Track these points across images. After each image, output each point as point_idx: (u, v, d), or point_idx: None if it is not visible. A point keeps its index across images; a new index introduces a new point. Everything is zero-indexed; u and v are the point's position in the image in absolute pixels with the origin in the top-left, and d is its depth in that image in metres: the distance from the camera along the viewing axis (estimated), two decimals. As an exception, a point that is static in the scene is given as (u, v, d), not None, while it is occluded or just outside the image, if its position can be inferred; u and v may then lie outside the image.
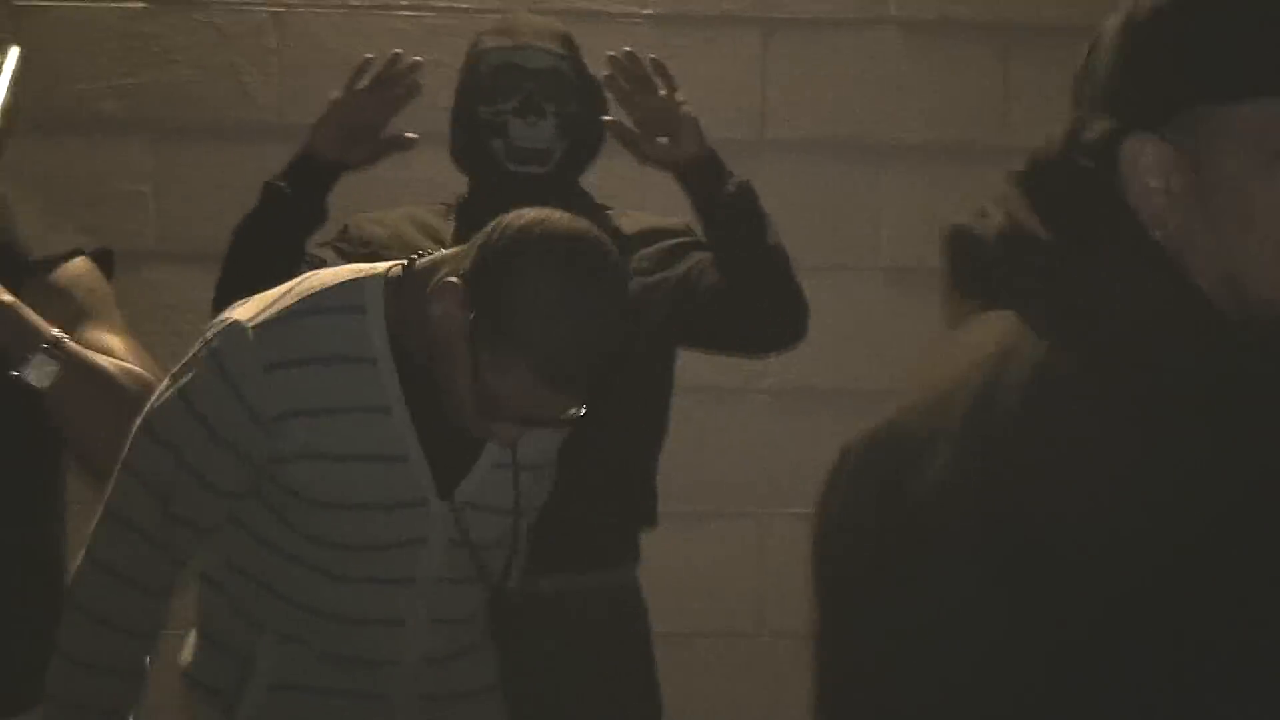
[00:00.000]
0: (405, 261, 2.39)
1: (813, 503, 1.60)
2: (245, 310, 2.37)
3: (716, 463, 3.96)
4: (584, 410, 2.28)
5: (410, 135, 3.11)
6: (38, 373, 2.40)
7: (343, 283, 2.38)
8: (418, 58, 3.11)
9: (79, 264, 2.54)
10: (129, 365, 2.49)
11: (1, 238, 2.48)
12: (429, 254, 2.38)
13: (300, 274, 2.92)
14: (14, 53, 2.53)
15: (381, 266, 2.40)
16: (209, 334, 2.36)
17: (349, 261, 2.98)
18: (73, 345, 2.42)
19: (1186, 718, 1.36)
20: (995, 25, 4.00)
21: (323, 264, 2.99)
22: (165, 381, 2.39)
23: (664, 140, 3.05)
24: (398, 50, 3.13)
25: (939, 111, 3.99)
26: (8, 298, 2.40)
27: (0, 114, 2.51)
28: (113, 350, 2.49)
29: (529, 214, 2.27)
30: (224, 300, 2.97)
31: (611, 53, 3.09)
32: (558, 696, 2.94)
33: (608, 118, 3.11)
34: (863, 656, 1.50)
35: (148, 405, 2.38)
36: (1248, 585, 1.37)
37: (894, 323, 3.96)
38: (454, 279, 2.27)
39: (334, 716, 2.46)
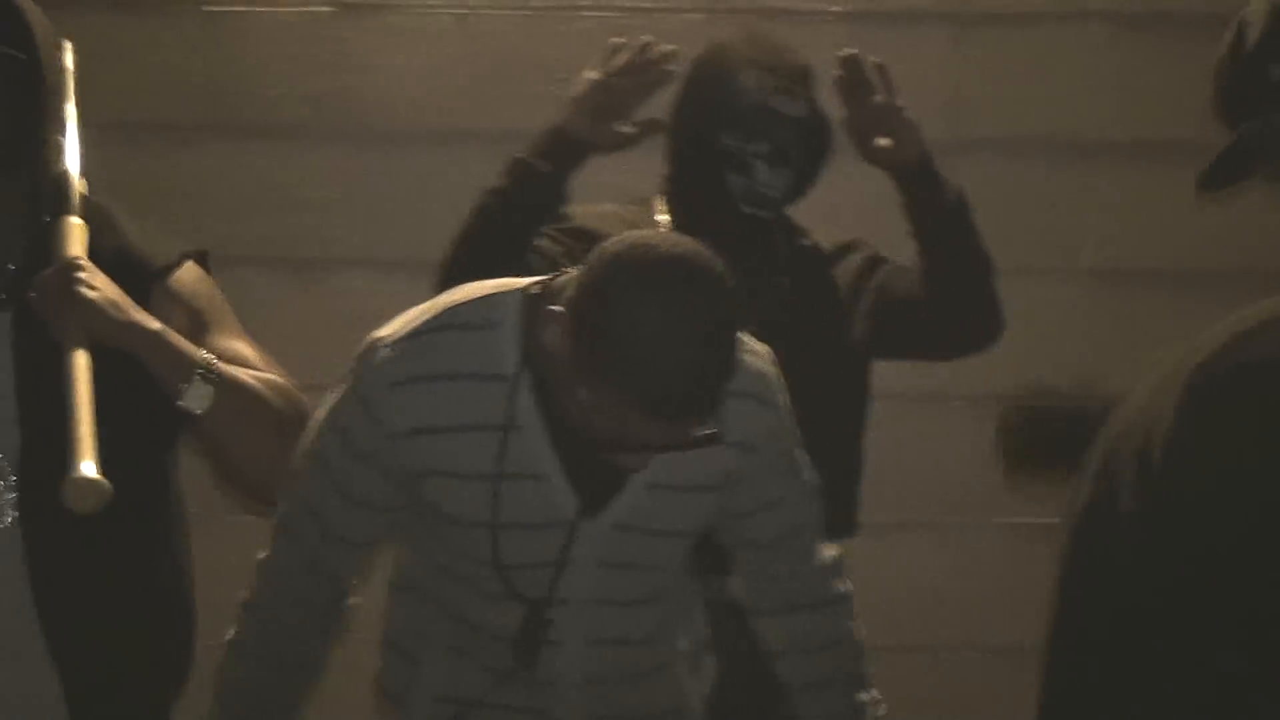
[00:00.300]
0: (546, 278, 2.36)
1: (1015, 511, 1.63)
2: (387, 327, 2.38)
3: (914, 471, 3.91)
4: (709, 430, 2.21)
5: (663, 120, 3.12)
6: (194, 397, 2.40)
7: (479, 297, 2.37)
8: (673, 46, 3.11)
9: (190, 269, 2.55)
10: (270, 377, 2.50)
11: (118, 249, 2.47)
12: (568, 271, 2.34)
13: (527, 260, 2.97)
14: (69, 48, 2.52)
15: (522, 281, 2.37)
16: (358, 349, 2.39)
17: (564, 251, 3.02)
18: (223, 366, 2.43)
19: None
20: (1208, 16, 3.89)
21: (543, 253, 3.01)
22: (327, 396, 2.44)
23: (884, 142, 3.10)
24: (649, 38, 3.14)
25: (1146, 108, 3.91)
26: (156, 325, 2.40)
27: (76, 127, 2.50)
28: (245, 358, 2.50)
29: (629, 238, 2.22)
30: (449, 277, 2.97)
31: (840, 53, 3.13)
32: (757, 697, 2.91)
33: (843, 115, 3.13)
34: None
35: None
36: None
37: (1097, 327, 3.91)
38: (558, 307, 2.23)
39: None
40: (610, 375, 2.15)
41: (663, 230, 2.20)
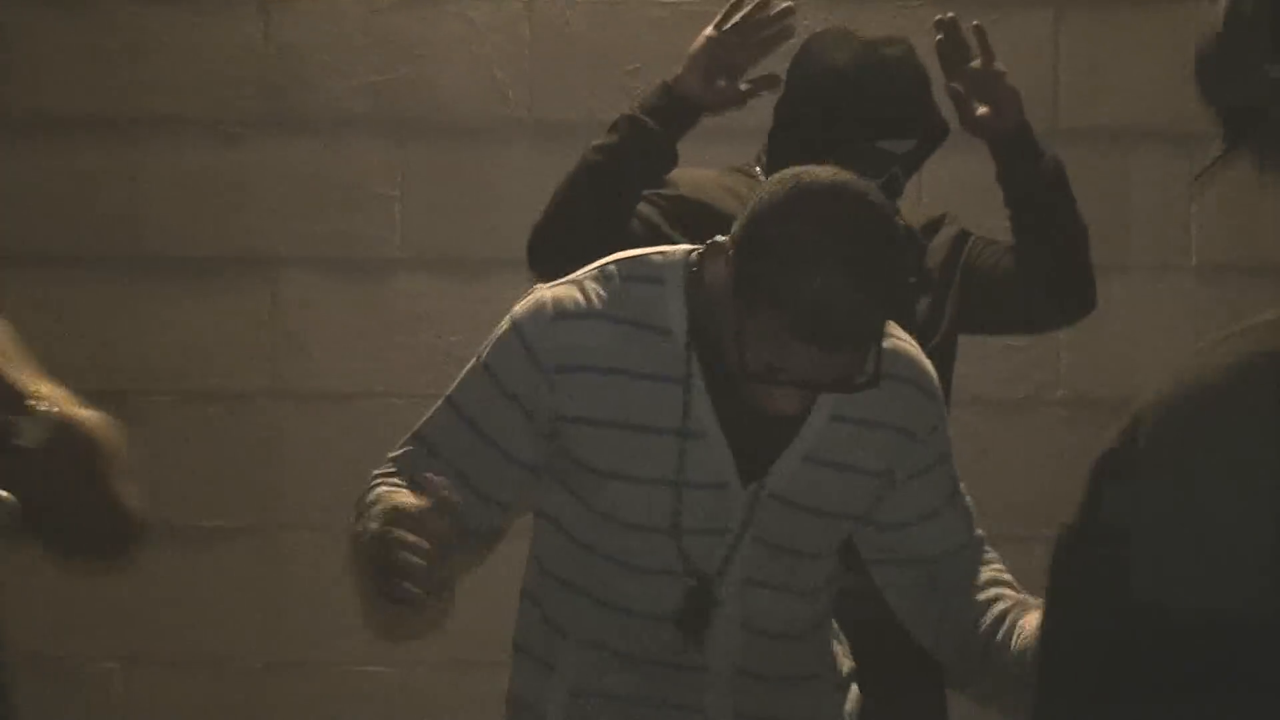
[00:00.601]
0: (708, 243, 2.41)
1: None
2: (549, 283, 2.45)
3: (1005, 481, 3.85)
4: (867, 375, 2.27)
5: (778, 75, 3.10)
6: (29, 433, 2.31)
7: (645, 255, 2.44)
8: (789, 3, 3.10)
9: None
10: (96, 415, 2.42)
11: None
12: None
13: (629, 225, 3.01)
14: None
15: (684, 247, 2.44)
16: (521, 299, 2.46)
17: (664, 217, 3.06)
18: (59, 400, 2.35)
19: None
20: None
21: (643, 217, 3.02)
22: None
23: (984, 110, 3.11)
24: None
25: (1257, 95, 3.76)
26: None
27: None
28: (50, 394, 2.41)
29: (791, 171, 2.29)
30: (545, 235, 3.03)
31: (940, 16, 3.15)
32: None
33: (952, 84, 3.12)
34: None
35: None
36: None
37: (1204, 327, 3.79)
38: (722, 238, 2.33)
39: None
40: (767, 294, 2.22)
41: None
